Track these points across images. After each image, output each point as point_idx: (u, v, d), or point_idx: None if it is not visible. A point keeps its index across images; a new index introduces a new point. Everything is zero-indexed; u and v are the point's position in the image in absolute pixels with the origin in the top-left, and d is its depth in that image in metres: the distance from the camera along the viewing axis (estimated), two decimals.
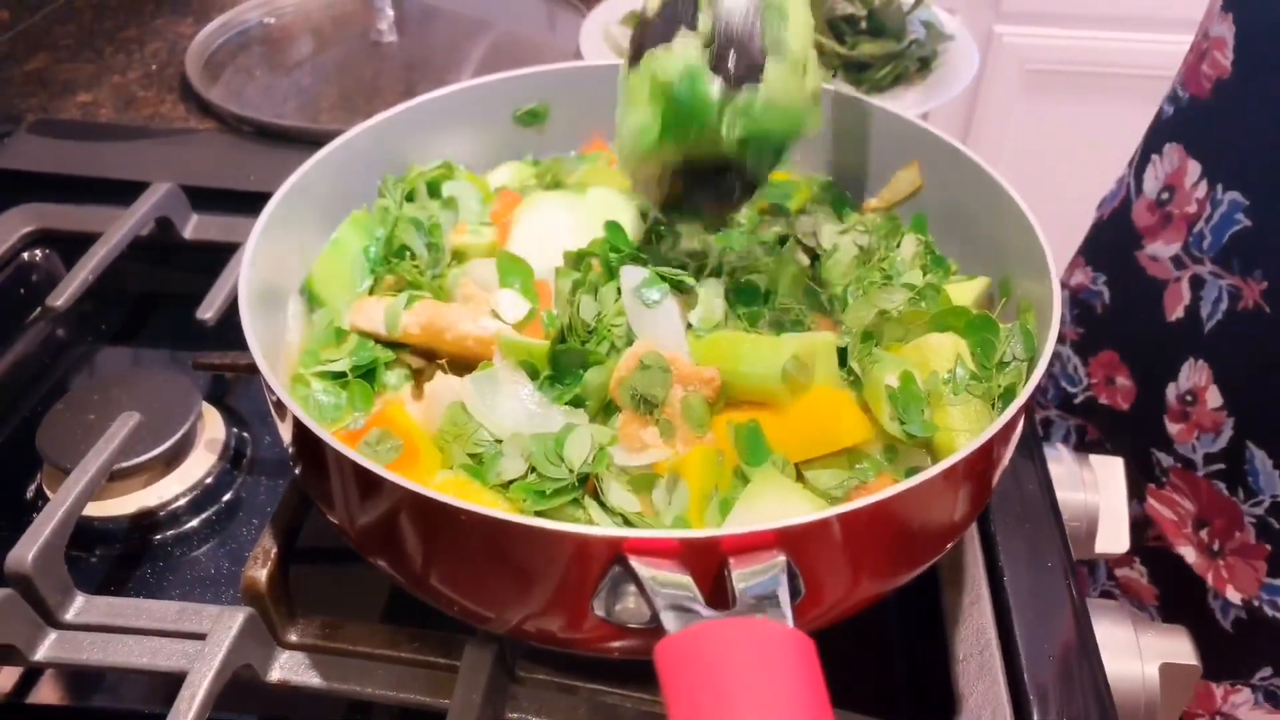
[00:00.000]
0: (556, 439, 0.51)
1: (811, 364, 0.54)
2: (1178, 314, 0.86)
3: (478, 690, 0.52)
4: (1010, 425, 0.47)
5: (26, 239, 0.91)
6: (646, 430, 0.52)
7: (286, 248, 0.63)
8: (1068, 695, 0.55)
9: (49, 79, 1.16)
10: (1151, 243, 0.88)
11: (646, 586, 0.38)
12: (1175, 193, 0.86)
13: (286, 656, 0.58)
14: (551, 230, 0.66)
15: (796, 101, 0.55)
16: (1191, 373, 0.85)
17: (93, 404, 0.73)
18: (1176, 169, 0.86)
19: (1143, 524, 0.91)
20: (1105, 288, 0.94)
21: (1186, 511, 0.88)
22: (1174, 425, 0.87)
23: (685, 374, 0.53)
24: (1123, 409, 0.93)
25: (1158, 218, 0.87)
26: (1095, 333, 0.96)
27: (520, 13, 1.32)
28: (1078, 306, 0.98)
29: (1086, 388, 0.97)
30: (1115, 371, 0.93)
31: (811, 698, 0.32)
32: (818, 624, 0.48)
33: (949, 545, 0.52)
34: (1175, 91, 0.89)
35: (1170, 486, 0.89)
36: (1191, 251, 0.84)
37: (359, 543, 0.52)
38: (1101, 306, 0.95)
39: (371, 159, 0.70)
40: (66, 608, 0.58)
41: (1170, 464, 0.88)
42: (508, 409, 0.54)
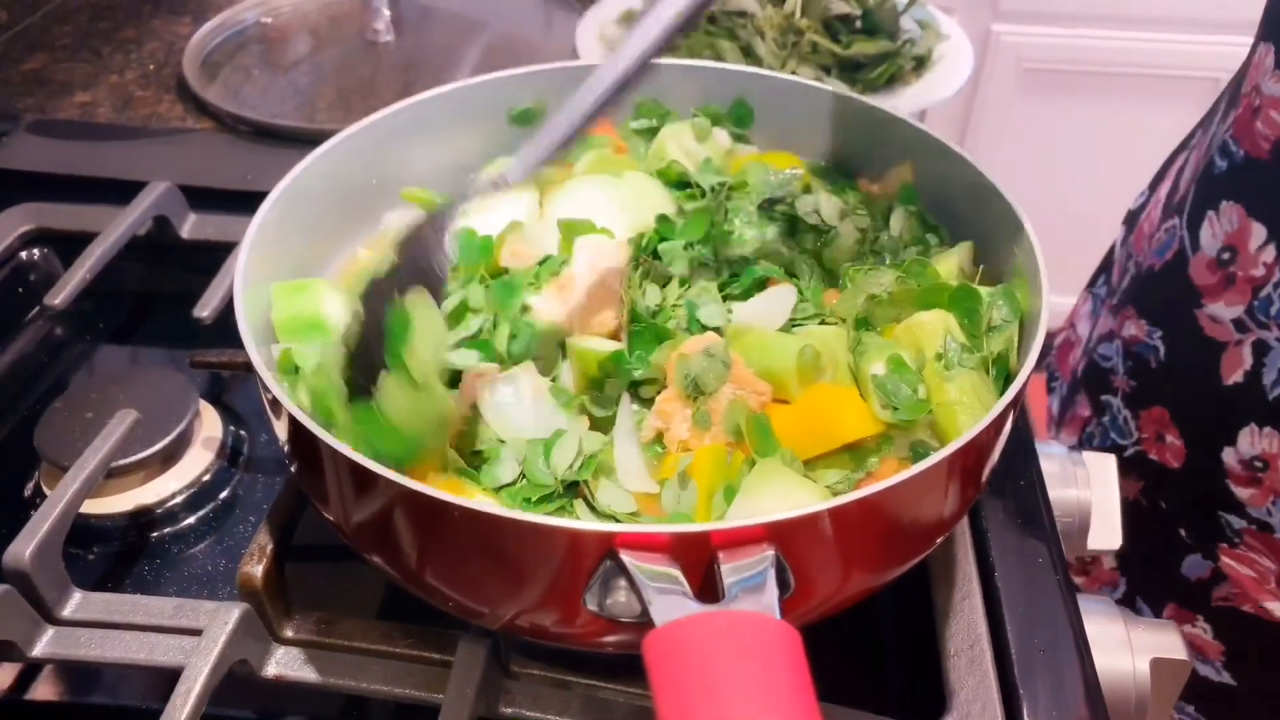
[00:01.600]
0: (546, 444, 0.52)
1: (826, 357, 0.55)
2: (1236, 378, 0.83)
3: (471, 685, 0.53)
4: (1000, 419, 0.48)
5: (25, 238, 0.91)
6: (683, 413, 0.53)
7: (282, 247, 0.63)
8: (1058, 690, 0.55)
9: (47, 79, 1.16)
10: (1212, 302, 0.85)
11: (636, 580, 0.39)
12: (1238, 254, 0.82)
13: (282, 652, 0.58)
14: (592, 211, 0.65)
15: (406, 422, 0.51)
16: (1257, 439, 0.83)
17: (90, 402, 0.73)
18: (1238, 229, 0.82)
19: (1208, 584, 0.90)
20: (1161, 343, 0.91)
21: (1267, 569, 0.86)
22: (1243, 490, 0.85)
23: (741, 376, 0.54)
24: (1173, 467, 0.90)
25: (1219, 278, 0.84)
26: (1148, 387, 0.93)
27: (516, 13, 1.32)
28: (1131, 359, 0.95)
29: (1137, 441, 0.94)
30: (1165, 429, 0.91)
31: (796, 687, 0.33)
32: (809, 618, 0.48)
33: (939, 540, 0.53)
34: (1227, 145, 0.85)
35: (1245, 546, 0.86)
36: (1257, 316, 0.81)
37: (354, 539, 0.53)
38: (1156, 361, 0.92)
39: (367, 159, 0.70)
40: (64, 604, 0.58)
41: (1243, 526, 0.86)
42: (520, 413, 0.54)
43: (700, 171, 0.71)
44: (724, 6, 1.09)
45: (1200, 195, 0.88)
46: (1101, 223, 2.23)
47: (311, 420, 0.47)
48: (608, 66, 0.55)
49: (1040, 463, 0.70)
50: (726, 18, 1.09)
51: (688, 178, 0.70)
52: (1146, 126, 2.13)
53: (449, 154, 0.74)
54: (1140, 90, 2.09)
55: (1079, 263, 2.20)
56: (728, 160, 0.74)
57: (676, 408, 0.53)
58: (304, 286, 0.63)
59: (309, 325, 0.60)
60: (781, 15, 1.07)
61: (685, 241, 0.64)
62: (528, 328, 0.58)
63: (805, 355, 0.54)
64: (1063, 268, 2.41)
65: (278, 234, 0.62)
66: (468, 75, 0.77)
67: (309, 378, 0.56)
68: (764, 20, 1.07)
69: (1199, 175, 0.89)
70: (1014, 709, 0.55)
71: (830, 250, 0.65)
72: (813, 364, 0.54)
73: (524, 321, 0.59)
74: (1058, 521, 0.68)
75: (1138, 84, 2.09)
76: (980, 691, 0.55)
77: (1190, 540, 0.90)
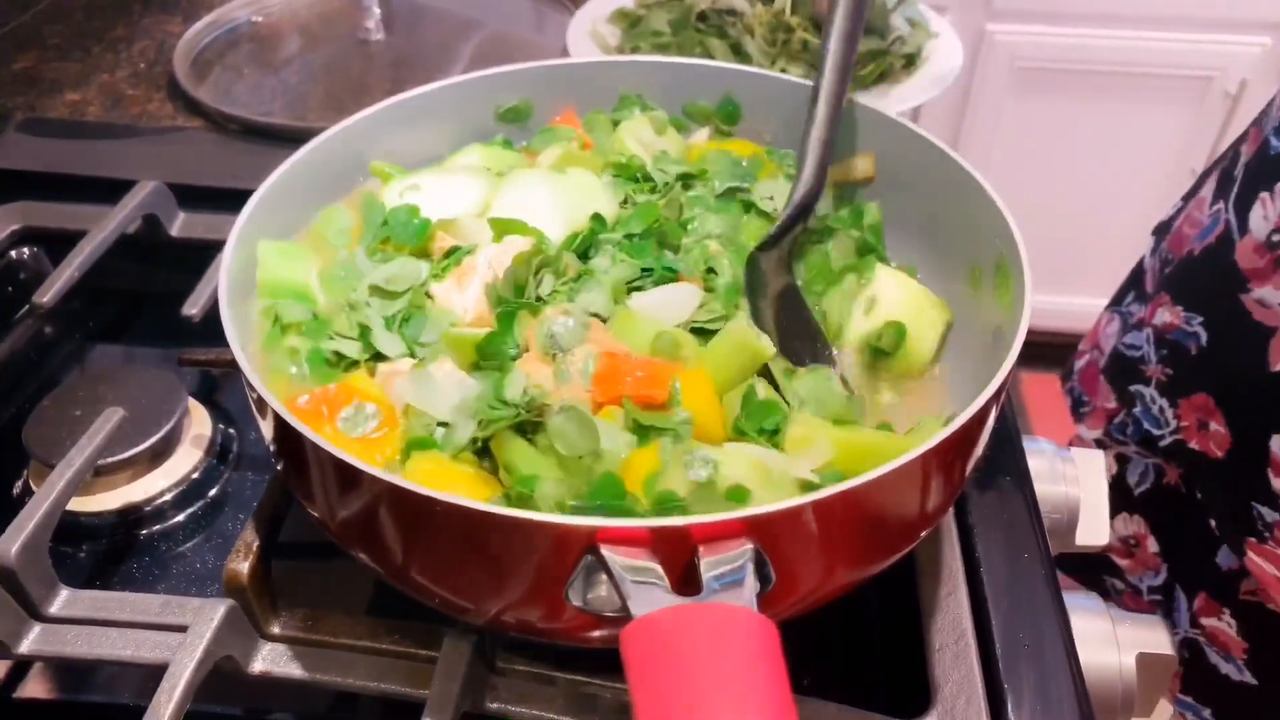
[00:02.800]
0: (495, 386, 0.53)
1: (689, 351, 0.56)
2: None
3: (456, 680, 0.53)
4: (982, 413, 0.48)
5: (14, 237, 0.91)
6: (543, 370, 0.54)
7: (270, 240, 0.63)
8: (1042, 684, 0.55)
9: (37, 77, 1.16)
10: (1260, 287, 0.83)
11: (615, 574, 0.39)
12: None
13: (269, 649, 0.58)
14: (533, 206, 0.66)
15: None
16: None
17: (79, 400, 0.73)
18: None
19: (1235, 577, 0.89)
20: (1201, 329, 0.89)
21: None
22: (1279, 480, 0.83)
23: (600, 338, 0.56)
24: (1216, 456, 0.88)
25: (1268, 261, 0.82)
26: (1187, 375, 0.92)
27: (508, 11, 1.32)
28: (1166, 346, 0.93)
29: (1175, 430, 0.92)
30: (1209, 416, 0.89)
31: (771, 679, 0.33)
32: (793, 612, 0.49)
33: (922, 534, 0.53)
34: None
35: (1274, 541, 0.85)
36: None
37: (339, 536, 0.53)
38: (1196, 348, 0.90)
39: (354, 156, 0.70)
40: (50, 601, 0.58)
41: (1274, 519, 0.84)
42: (445, 396, 0.55)
43: (657, 163, 0.71)
44: (714, 4, 1.09)
45: (1252, 177, 0.86)
46: (1094, 222, 2.25)
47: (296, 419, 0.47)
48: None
49: (1028, 459, 0.70)
50: (716, 15, 1.09)
51: (643, 171, 0.71)
52: (1140, 125, 2.14)
53: (438, 149, 0.75)
54: (1134, 89, 2.10)
55: (1072, 259, 2.22)
56: (687, 152, 0.75)
57: (537, 367, 0.55)
58: (291, 250, 0.64)
59: (293, 291, 0.62)
60: (771, 13, 1.07)
61: (623, 234, 0.65)
62: (420, 313, 0.60)
63: (661, 340, 0.56)
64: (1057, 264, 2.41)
65: (264, 231, 0.62)
66: (459, 73, 0.77)
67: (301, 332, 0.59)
68: (754, 18, 1.07)
69: (1253, 158, 0.87)
70: (998, 702, 0.55)
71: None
72: (667, 350, 0.56)
73: (416, 306, 0.61)
74: (1046, 518, 0.68)
75: (1131, 83, 2.09)
76: (965, 685, 0.56)
77: (1219, 532, 0.89)
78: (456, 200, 0.68)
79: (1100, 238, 2.20)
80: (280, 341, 0.60)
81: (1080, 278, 2.19)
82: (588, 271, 0.61)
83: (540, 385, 0.53)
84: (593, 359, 0.54)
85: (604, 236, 0.65)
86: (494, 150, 0.75)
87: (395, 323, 0.60)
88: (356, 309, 0.60)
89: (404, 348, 0.59)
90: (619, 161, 0.71)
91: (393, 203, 0.67)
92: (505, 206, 0.67)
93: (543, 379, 0.54)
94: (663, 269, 0.62)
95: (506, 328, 0.57)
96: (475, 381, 0.55)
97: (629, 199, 0.69)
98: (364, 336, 0.59)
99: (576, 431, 0.50)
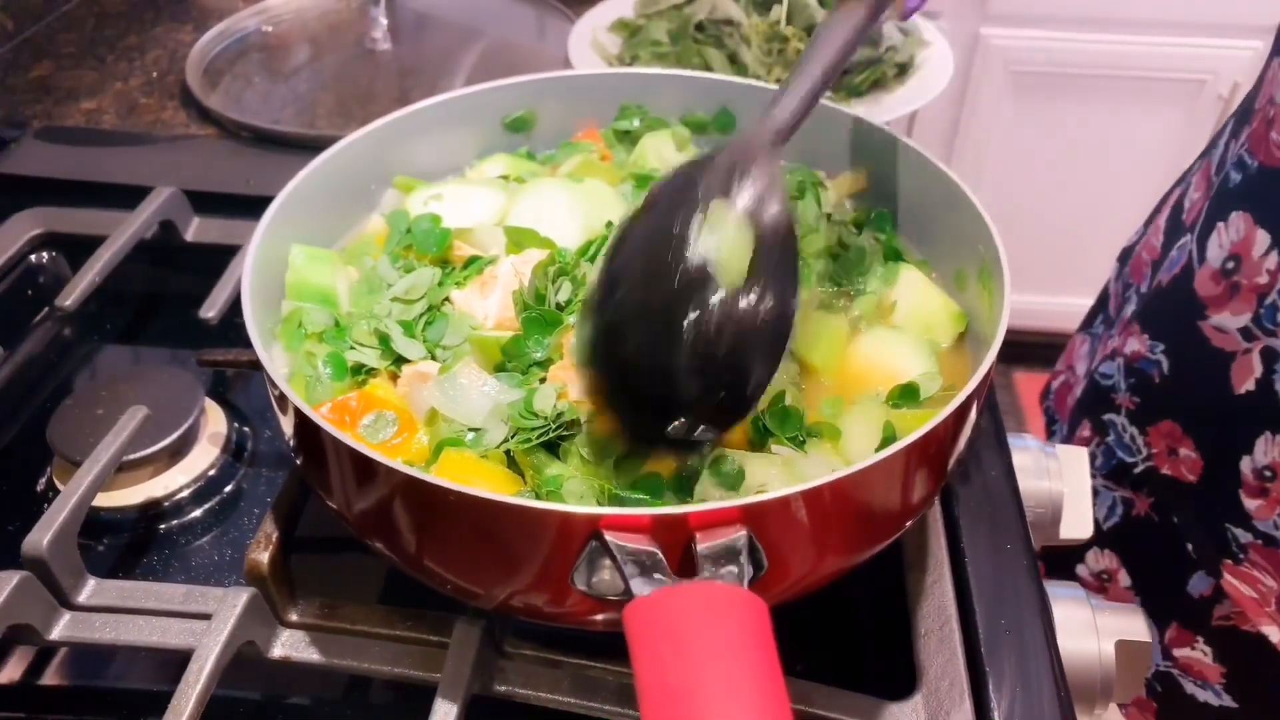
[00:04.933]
0: (525, 399, 0.55)
1: None
2: (1248, 386, 0.83)
3: (467, 664, 0.56)
4: (962, 409, 0.51)
5: (34, 242, 0.94)
6: (574, 379, 0.56)
7: (287, 248, 0.66)
8: (1022, 667, 0.58)
9: (53, 86, 1.19)
10: (1217, 313, 0.85)
11: (618, 558, 0.42)
12: (1242, 262, 0.83)
13: (288, 635, 0.61)
14: (550, 212, 0.70)
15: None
16: (1269, 447, 0.83)
17: (100, 400, 0.76)
18: (1243, 238, 0.83)
19: (1209, 603, 0.90)
20: (1164, 356, 0.92)
21: (1268, 589, 0.86)
22: (1251, 501, 0.85)
23: None
24: (1189, 480, 0.90)
25: (1224, 288, 0.85)
26: (1154, 402, 0.94)
27: (510, 21, 1.35)
28: (1134, 375, 0.96)
29: (1147, 457, 0.94)
30: (1178, 443, 0.90)
31: (760, 651, 0.36)
32: (784, 596, 0.51)
33: (908, 524, 0.56)
34: (1242, 159, 0.86)
35: (1249, 563, 0.86)
36: (1263, 324, 0.82)
37: (357, 526, 0.55)
38: (1159, 376, 0.92)
39: (368, 163, 0.74)
40: (79, 590, 0.61)
41: (1249, 540, 0.86)
42: (475, 403, 0.57)
43: None
44: (712, 15, 1.12)
45: (1212, 210, 0.88)
46: (1088, 224, 2.27)
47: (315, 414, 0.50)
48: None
49: (1013, 455, 0.73)
50: (714, 26, 1.12)
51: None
52: (1134, 129, 2.16)
53: (445, 159, 0.78)
54: (1128, 93, 2.12)
55: (1066, 260, 2.24)
56: None
57: (568, 375, 0.57)
58: (321, 256, 0.67)
59: (320, 295, 0.65)
60: (767, 23, 1.10)
61: None
62: (442, 317, 0.63)
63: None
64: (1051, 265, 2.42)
65: (283, 235, 0.65)
66: (463, 82, 0.80)
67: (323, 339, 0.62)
68: (750, 28, 1.10)
69: (1213, 193, 0.90)
70: (980, 685, 0.58)
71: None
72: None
73: (441, 311, 0.63)
74: (1031, 512, 0.71)
75: (1125, 87, 2.12)
76: (949, 669, 0.58)
77: (1197, 556, 0.91)
78: (477, 209, 0.72)
79: (1094, 239, 2.22)
80: (301, 344, 0.63)
81: (1073, 279, 2.21)
82: None
83: (570, 400, 0.55)
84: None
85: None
86: (518, 160, 0.79)
87: (418, 325, 0.62)
88: (377, 319, 0.63)
89: (424, 351, 0.62)
90: (640, 173, 0.75)
91: (417, 212, 0.71)
92: (523, 213, 0.70)
93: (572, 388, 0.56)
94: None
95: (531, 331, 0.59)
96: (502, 386, 0.57)
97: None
98: (384, 343, 0.62)
99: (604, 439, 0.52)
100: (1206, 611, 0.89)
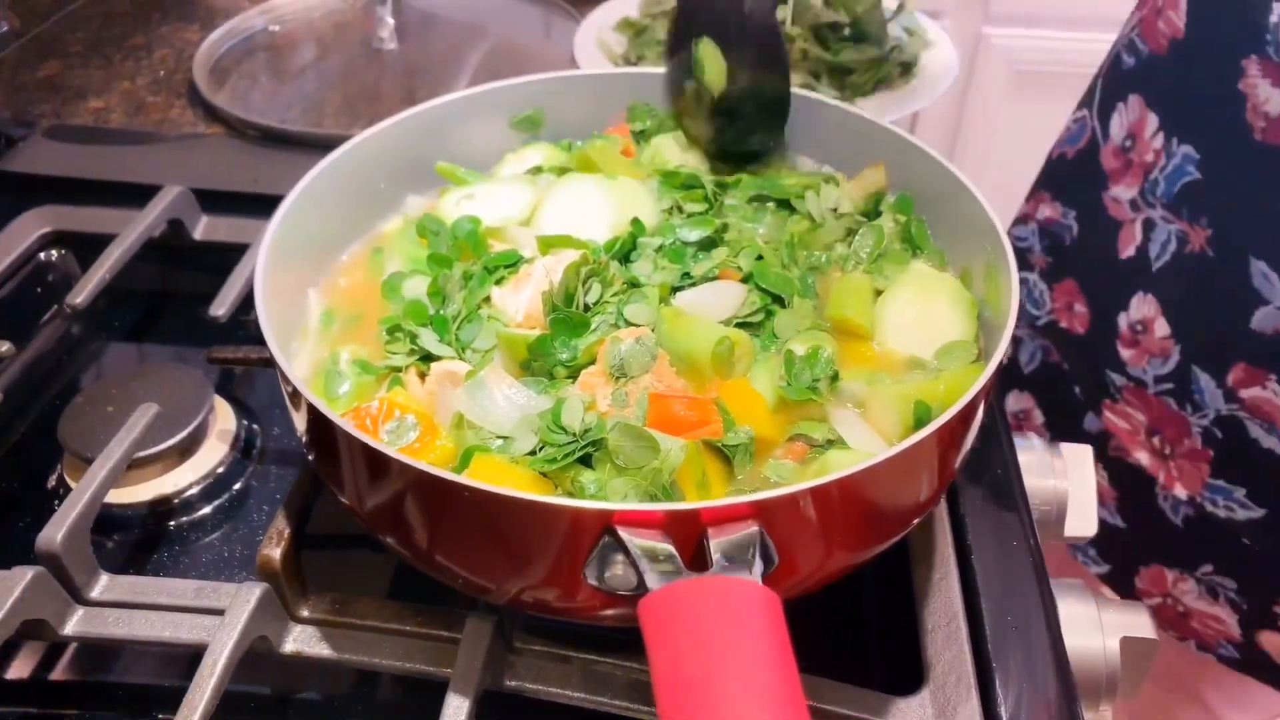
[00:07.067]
0: (553, 411, 0.55)
1: (742, 351, 0.59)
2: (1129, 252, 0.94)
3: (479, 658, 0.56)
4: (969, 408, 0.51)
5: (42, 240, 0.94)
6: (604, 389, 0.57)
7: (298, 246, 0.67)
8: (1029, 663, 0.59)
9: (61, 85, 1.20)
10: (1115, 185, 0.96)
11: (632, 553, 0.42)
12: (1136, 141, 0.94)
13: (299, 630, 0.61)
14: (583, 207, 0.71)
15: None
16: (1141, 305, 0.94)
17: (110, 397, 0.76)
18: (1138, 119, 0.93)
19: (1103, 437, 1.01)
20: (1075, 222, 1.02)
21: (1139, 423, 0.98)
22: (1126, 350, 0.97)
23: (664, 371, 0.58)
24: (1079, 333, 1.02)
25: (1121, 163, 0.95)
26: (1061, 263, 1.04)
27: (516, 20, 1.35)
28: (1048, 237, 1.06)
29: (1050, 311, 1.06)
30: (1074, 299, 1.02)
31: (775, 643, 0.36)
32: (795, 591, 0.52)
33: (915, 521, 0.56)
34: (1134, 43, 0.96)
35: (1124, 402, 0.98)
36: (1146, 197, 0.92)
37: (369, 522, 0.56)
38: (1069, 239, 1.03)
39: (379, 161, 0.74)
40: (92, 586, 0.62)
41: (1123, 383, 0.98)
42: (502, 411, 0.57)
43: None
44: None
45: (1109, 89, 0.99)
46: None
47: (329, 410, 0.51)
48: None
49: (1018, 454, 0.73)
50: None
51: (693, 180, 0.74)
52: None
53: (454, 156, 0.78)
54: None
55: None
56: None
57: (599, 383, 0.57)
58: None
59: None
60: None
61: (659, 241, 0.68)
62: (477, 319, 0.63)
63: (721, 346, 0.59)
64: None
65: (294, 233, 0.66)
66: (469, 82, 0.80)
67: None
68: None
69: (1106, 71, 1.00)
70: (987, 681, 0.58)
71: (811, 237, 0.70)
72: (726, 355, 0.59)
73: (477, 312, 0.64)
74: (1035, 509, 0.71)
75: None
76: (956, 664, 0.59)
77: (1082, 398, 1.03)
78: (507, 206, 0.74)
79: None
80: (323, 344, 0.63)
81: None
82: (632, 280, 0.64)
83: (597, 412, 0.56)
84: (646, 399, 0.56)
85: (643, 241, 0.68)
86: (556, 150, 0.80)
87: (453, 325, 0.62)
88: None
89: (454, 352, 0.62)
90: (664, 169, 0.76)
91: (451, 213, 0.72)
92: (555, 209, 0.72)
93: (600, 398, 0.56)
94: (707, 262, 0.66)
95: (558, 333, 0.60)
96: (530, 393, 0.58)
97: (676, 206, 0.73)
98: (413, 340, 0.62)
99: (634, 447, 0.52)
100: (1103, 444, 1.01)
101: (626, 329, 0.60)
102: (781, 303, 0.64)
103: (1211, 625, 0.99)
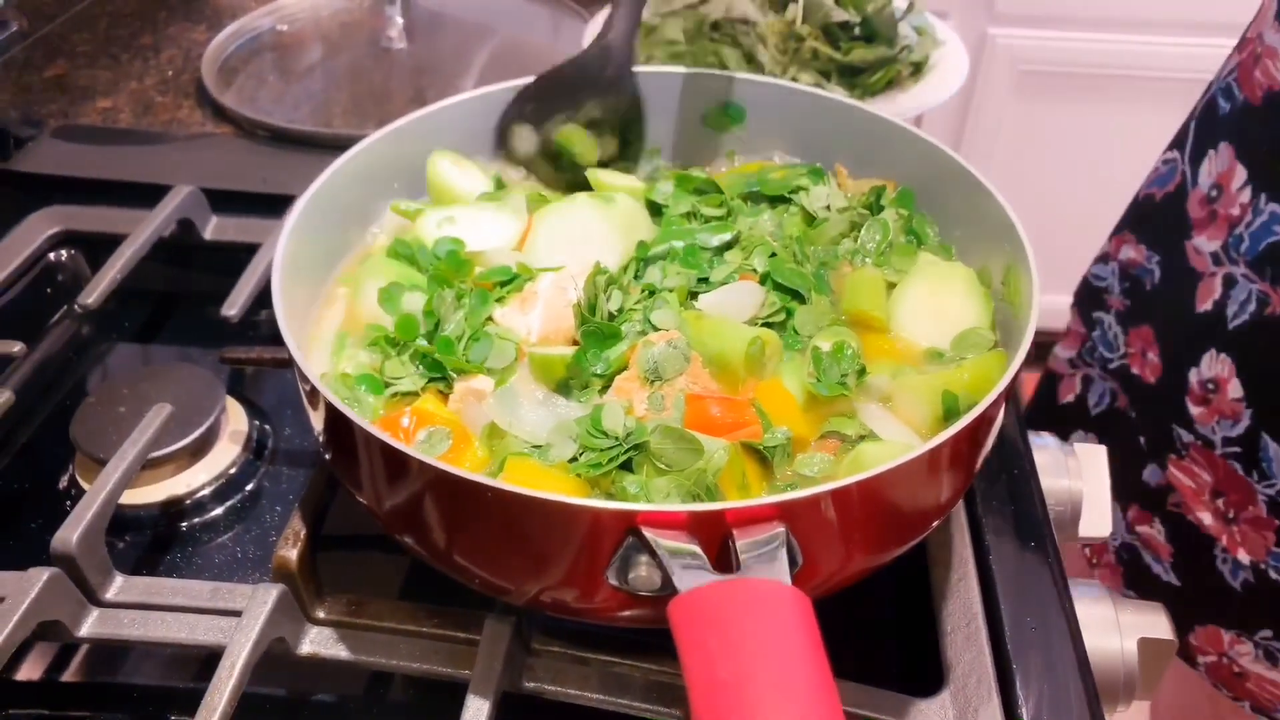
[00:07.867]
0: (592, 417, 0.55)
1: (772, 350, 0.59)
2: (1206, 306, 0.91)
3: (498, 660, 0.56)
4: (990, 410, 0.51)
5: (52, 240, 0.94)
6: (640, 394, 0.57)
7: (312, 245, 0.67)
8: (1049, 664, 0.58)
9: (69, 85, 1.19)
10: (1198, 235, 0.92)
11: (659, 554, 0.42)
12: (1223, 192, 0.89)
13: (316, 632, 0.61)
14: (583, 235, 0.69)
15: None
16: (1214, 363, 0.90)
17: (122, 398, 0.76)
18: (1226, 169, 0.89)
19: (1164, 490, 0.98)
20: (1157, 268, 0.99)
21: (1205, 482, 0.94)
22: (1195, 407, 0.93)
23: (697, 373, 0.58)
24: (1149, 382, 0.99)
25: (1206, 212, 0.91)
26: (1139, 307, 1.02)
27: (525, 19, 1.35)
28: (1128, 280, 1.03)
29: (1123, 355, 1.03)
30: (1149, 347, 0.99)
31: (807, 643, 0.36)
32: (817, 593, 0.51)
33: (935, 523, 0.56)
34: (1230, 88, 0.91)
35: (1190, 459, 0.94)
36: (1229, 252, 0.88)
37: (387, 521, 0.56)
38: (1150, 284, 1.00)
39: (390, 160, 0.74)
40: (107, 587, 0.62)
41: (1190, 440, 0.94)
42: (534, 418, 0.57)
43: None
44: (728, 14, 1.12)
45: (1202, 133, 0.95)
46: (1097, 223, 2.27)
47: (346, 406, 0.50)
48: None
49: (1034, 454, 0.73)
50: (729, 25, 1.12)
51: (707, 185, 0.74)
52: (1141, 128, 2.16)
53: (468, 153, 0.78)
54: (1135, 92, 2.13)
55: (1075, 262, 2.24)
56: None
57: (634, 388, 0.57)
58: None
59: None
60: (783, 22, 1.10)
61: (665, 247, 0.68)
62: (486, 337, 0.62)
63: (754, 346, 0.58)
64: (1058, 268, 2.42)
65: (308, 232, 0.65)
66: (477, 81, 0.80)
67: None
68: (766, 28, 1.10)
69: (1200, 113, 0.96)
70: (1007, 681, 0.58)
71: (815, 233, 0.70)
72: (759, 355, 0.59)
73: (484, 330, 0.63)
74: (1051, 509, 0.71)
75: (1133, 86, 2.12)
76: (976, 665, 0.59)
77: (1147, 449, 1.00)
78: (491, 233, 0.71)
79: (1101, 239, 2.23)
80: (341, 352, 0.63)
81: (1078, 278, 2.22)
82: (649, 287, 0.64)
83: (637, 415, 0.55)
84: (683, 401, 0.56)
85: (651, 254, 0.67)
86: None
87: (461, 345, 0.62)
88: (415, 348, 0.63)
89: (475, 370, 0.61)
90: (680, 174, 0.75)
91: (430, 234, 0.70)
92: (548, 235, 0.70)
93: (637, 402, 0.56)
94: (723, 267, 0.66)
95: (590, 345, 0.60)
96: (563, 400, 0.57)
97: (693, 211, 0.72)
98: (425, 361, 0.61)
99: (676, 449, 0.52)
100: (1161, 497, 0.99)
101: (658, 334, 0.60)
102: (799, 300, 0.64)
103: (1269, 689, 0.95)
